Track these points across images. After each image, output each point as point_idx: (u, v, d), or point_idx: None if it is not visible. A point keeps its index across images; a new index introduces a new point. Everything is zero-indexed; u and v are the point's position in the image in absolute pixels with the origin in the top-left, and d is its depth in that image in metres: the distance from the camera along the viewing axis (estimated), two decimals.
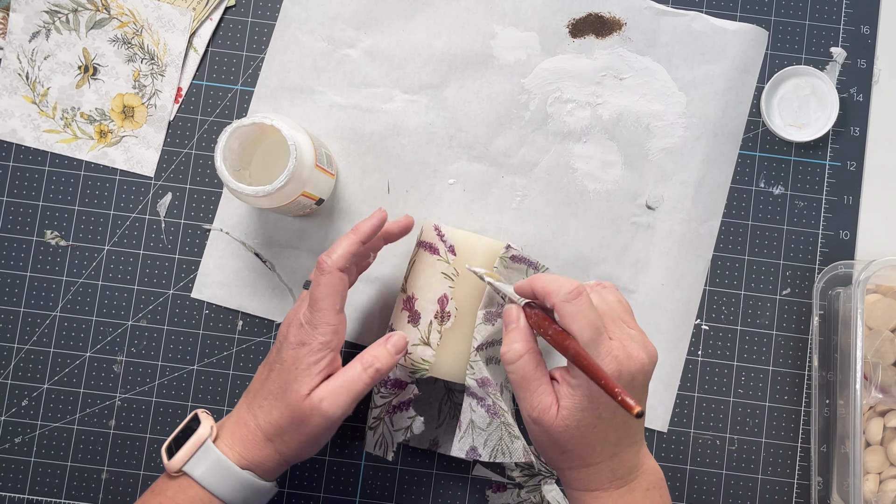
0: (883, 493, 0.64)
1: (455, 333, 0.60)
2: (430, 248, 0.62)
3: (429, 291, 0.61)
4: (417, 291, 0.61)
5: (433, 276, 0.61)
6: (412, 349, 0.61)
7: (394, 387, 0.63)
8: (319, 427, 0.55)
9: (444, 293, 0.61)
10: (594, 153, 0.69)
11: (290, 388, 0.55)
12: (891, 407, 0.65)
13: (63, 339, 0.69)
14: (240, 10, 0.71)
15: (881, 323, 0.66)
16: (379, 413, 0.64)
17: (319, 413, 0.55)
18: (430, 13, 0.70)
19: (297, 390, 0.55)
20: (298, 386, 0.55)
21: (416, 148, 0.70)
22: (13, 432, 0.68)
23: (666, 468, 0.68)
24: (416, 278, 0.62)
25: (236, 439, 0.56)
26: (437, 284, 0.61)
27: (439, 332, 0.60)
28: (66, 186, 0.70)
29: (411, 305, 0.61)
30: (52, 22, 0.70)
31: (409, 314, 0.61)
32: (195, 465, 0.55)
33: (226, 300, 0.69)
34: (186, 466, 0.55)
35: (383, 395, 0.63)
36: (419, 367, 0.61)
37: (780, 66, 0.70)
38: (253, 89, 0.70)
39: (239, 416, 0.57)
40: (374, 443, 0.64)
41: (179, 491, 0.55)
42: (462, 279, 0.61)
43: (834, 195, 0.70)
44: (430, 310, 0.61)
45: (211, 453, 0.55)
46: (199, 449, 0.55)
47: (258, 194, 0.58)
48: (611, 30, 0.70)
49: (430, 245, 0.62)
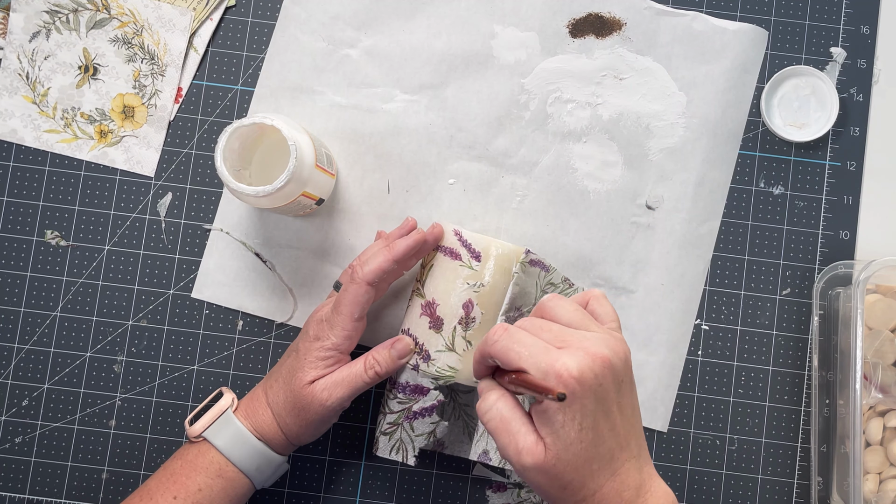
0: (883, 493, 0.64)
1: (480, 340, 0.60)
2: (451, 254, 0.62)
3: (451, 297, 0.61)
4: (438, 297, 0.61)
5: (455, 282, 0.61)
6: (436, 356, 0.61)
7: (413, 392, 0.62)
8: (318, 414, 0.59)
9: (470, 299, 0.61)
10: (594, 153, 0.69)
11: (296, 375, 0.60)
12: (891, 407, 0.65)
13: (63, 339, 0.69)
14: (240, 10, 0.71)
15: (881, 323, 0.66)
16: (396, 419, 0.63)
17: (318, 402, 0.59)
18: (430, 13, 0.70)
19: (301, 378, 0.60)
20: (303, 374, 0.60)
21: (416, 148, 0.70)
22: (13, 432, 0.68)
23: (666, 468, 0.68)
24: (435, 283, 0.62)
25: (250, 412, 0.61)
26: (461, 290, 0.61)
27: (464, 339, 0.61)
28: (67, 186, 0.70)
29: (432, 311, 0.61)
30: (53, 22, 0.70)
31: (430, 320, 0.61)
32: (214, 432, 0.60)
33: (226, 300, 0.69)
34: (206, 433, 0.60)
35: (401, 401, 0.62)
36: (443, 374, 0.61)
37: (780, 66, 0.70)
38: (253, 89, 0.70)
39: (255, 393, 0.62)
40: (391, 447, 0.63)
41: (199, 455, 0.60)
42: (489, 285, 0.61)
43: (834, 195, 0.70)
44: (454, 315, 0.61)
45: (230, 422, 0.60)
46: (220, 418, 0.60)
47: (258, 194, 0.58)
48: (611, 30, 0.70)
49: (452, 250, 0.62)
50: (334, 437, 0.69)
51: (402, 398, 0.62)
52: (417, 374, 0.62)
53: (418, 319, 0.62)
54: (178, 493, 0.58)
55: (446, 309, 0.61)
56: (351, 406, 0.69)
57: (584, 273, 0.69)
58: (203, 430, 0.60)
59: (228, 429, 0.60)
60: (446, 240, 0.62)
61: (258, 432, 0.60)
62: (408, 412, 0.62)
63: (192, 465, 0.59)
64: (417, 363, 0.61)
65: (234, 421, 0.60)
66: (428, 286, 0.62)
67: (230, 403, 0.61)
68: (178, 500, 0.58)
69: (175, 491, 0.58)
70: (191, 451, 0.60)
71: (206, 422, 0.60)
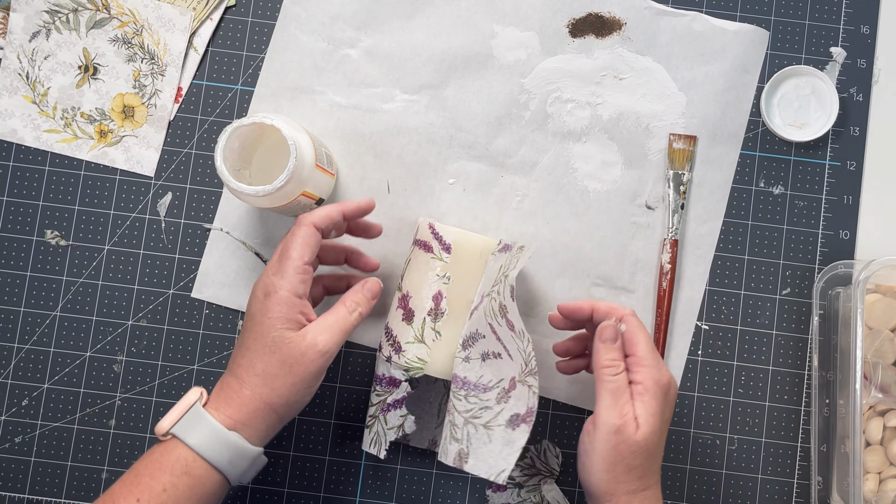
0: (883, 493, 0.64)
1: (449, 331, 0.60)
2: (424, 247, 0.62)
3: (423, 289, 0.61)
4: (412, 289, 0.62)
5: (427, 274, 0.61)
6: (406, 347, 0.61)
7: (388, 385, 0.62)
8: (314, 364, 0.56)
9: (439, 290, 0.61)
10: (594, 153, 0.69)
11: (269, 335, 0.56)
12: (891, 407, 0.65)
13: (63, 338, 0.69)
14: (240, 10, 0.71)
15: (881, 323, 0.66)
16: (374, 411, 0.63)
17: (315, 350, 0.56)
18: (430, 13, 0.70)
19: (281, 335, 0.56)
20: (278, 334, 0.56)
21: (416, 148, 0.70)
22: (13, 432, 0.68)
23: (666, 468, 0.68)
24: (410, 276, 0.62)
25: (221, 401, 0.57)
26: (431, 282, 0.61)
27: (433, 330, 0.61)
28: (67, 186, 0.70)
29: (406, 303, 0.62)
30: (53, 22, 0.70)
31: (403, 311, 0.62)
32: (183, 428, 0.56)
33: (226, 300, 0.69)
34: (174, 429, 0.56)
35: (378, 394, 0.63)
36: (413, 366, 0.61)
37: (780, 66, 0.70)
38: (253, 89, 0.70)
39: (223, 382, 0.58)
40: (370, 441, 0.64)
41: (164, 453, 0.56)
42: (457, 277, 0.61)
43: (834, 195, 0.70)
44: (424, 307, 0.61)
45: (199, 416, 0.56)
46: (187, 413, 0.56)
47: (258, 194, 0.58)
48: (611, 30, 0.70)
49: (425, 243, 0.62)
50: (334, 437, 0.69)
51: (380, 391, 0.63)
52: (391, 366, 0.62)
53: (395, 312, 0.63)
54: (141, 495, 0.55)
55: (417, 301, 0.61)
56: (350, 406, 0.69)
57: (584, 273, 0.69)
58: (170, 427, 0.56)
59: (198, 422, 0.56)
60: (421, 233, 0.63)
61: (233, 419, 0.57)
62: (383, 404, 0.63)
63: (158, 464, 0.56)
64: (391, 355, 0.62)
65: (203, 414, 0.56)
66: (405, 279, 0.63)
67: (198, 397, 0.57)
68: (142, 502, 0.54)
69: (138, 493, 0.55)
70: (157, 451, 0.57)
71: (173, 418, 0.56)
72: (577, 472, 0.69)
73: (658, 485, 0.57)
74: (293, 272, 0.56)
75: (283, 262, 0.57)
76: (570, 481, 0.68)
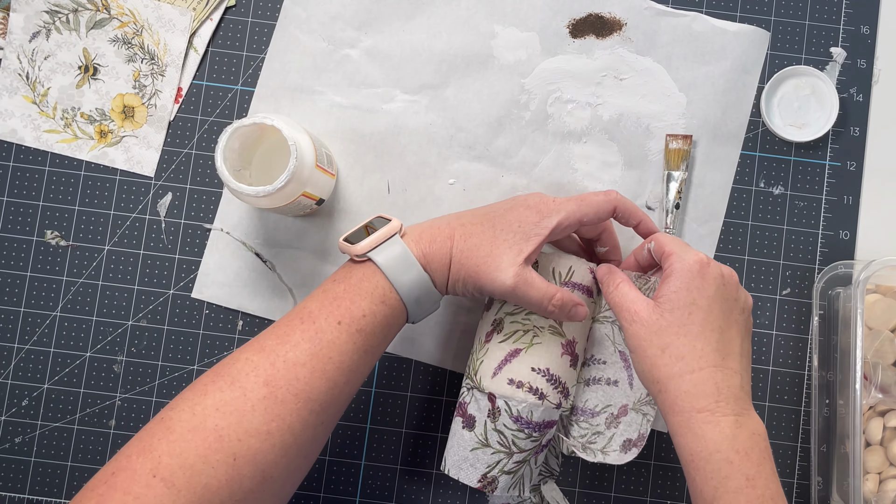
0: (883, 493, 0.64)
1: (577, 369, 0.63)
2: (586, 291, 0.62)
3: (586, 332, 0.63)
4: (578, 336, 0.61)
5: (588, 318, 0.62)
6: (572, 390, 0.62)
7: (545, 428, 0.60)
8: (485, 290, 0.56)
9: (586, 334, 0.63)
10: (594, 153, 0.70)
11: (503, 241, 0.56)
12: (891, 407, 0.65)
13: (63, 339, 0.69)
14: (240, 10, 0.71)
15: (881, 323, 0.66)
16: (526, 456, 0.61)
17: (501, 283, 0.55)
18: (431, 13, 0.70)
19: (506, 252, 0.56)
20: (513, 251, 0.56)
21: (416, 148, 0.70)
22: (13, 432, 0.68)
23: (666, 468, 0.68)
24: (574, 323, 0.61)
25: (423, 239, 0.57)
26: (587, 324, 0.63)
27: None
28: (67, 186, 0.70)
29: (572, 349, 0.61)
30: (53, 22, 0.70)
31: (570, 358, 0.61)
32: (383, 255, 0.55)
33: (226, 300, 0.69)
34: (372, 253, 0.55)
35: (534, 439, 0.60)
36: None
37: (780, 67, 0.70)
38: (253, 89, 0.70)
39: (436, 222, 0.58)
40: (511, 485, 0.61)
41: (364, 279, 0.55)
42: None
43: (834, 195, 0.70)
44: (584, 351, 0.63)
45: (397, 245, 0.56)
46: (387, 241, 0.56)
47: (258, 194, 0.58)
48: (611, 30, 0.70)
49: (587, 288, 0.62)
50: (334, 437, 0.69)
51: (537, 436, 0.60)
52: (558, 410, 0.60)
53: (560, 359, 0.60)
54: (342, 318, 0.54)
55: (581, 346, 0.62)
56: (351, 406, 0.69)
57: None
58: (369, 250, 0.55)
59: (396, 252, 0.55)
60: (581, 277, 0.62)
61: (427, 258, 0.56)
62: (538, 448, 0.61)
63: (357, 289, 0.55)
64: (560, 401, 0.60)
65: (402, 245, 0.55)
66: (566, 324, 0.61)
67: (398, 228, 0.57)
68: (343, 325, 0.53)
69: (339, 316, 0.54)
70: (355, 275, 0.55)
71: (373, 241, 0.56)
72: (577, 471, 0.69)
73: (717, 369, 0.53)
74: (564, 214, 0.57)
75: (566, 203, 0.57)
76: (570, 481, 0.68)
